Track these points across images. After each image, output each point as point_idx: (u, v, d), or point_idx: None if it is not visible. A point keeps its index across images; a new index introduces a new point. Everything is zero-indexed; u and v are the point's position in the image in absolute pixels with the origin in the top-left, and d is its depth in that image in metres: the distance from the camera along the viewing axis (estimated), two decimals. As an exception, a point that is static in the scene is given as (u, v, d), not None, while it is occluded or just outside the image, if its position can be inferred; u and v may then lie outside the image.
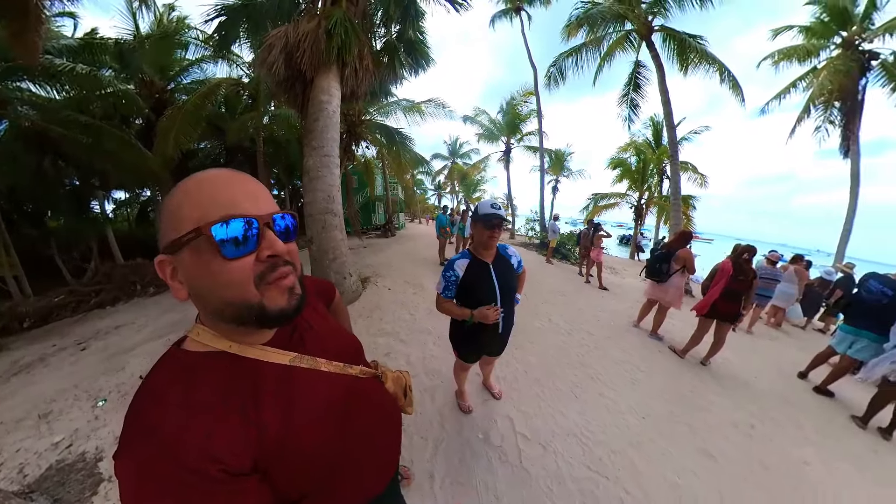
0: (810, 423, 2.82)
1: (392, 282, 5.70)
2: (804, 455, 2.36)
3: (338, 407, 0.56)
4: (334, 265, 4.51)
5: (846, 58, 8.75)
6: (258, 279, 0.45)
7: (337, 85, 4.49)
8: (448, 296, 1.65)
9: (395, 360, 3.03)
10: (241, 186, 0.46)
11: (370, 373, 0.70)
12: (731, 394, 3.07)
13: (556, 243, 9.11)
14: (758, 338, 4.92)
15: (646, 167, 14.51)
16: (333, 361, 0.59)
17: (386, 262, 7.36)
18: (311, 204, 4.47)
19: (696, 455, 2.17)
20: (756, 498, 1.89)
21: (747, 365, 3.79)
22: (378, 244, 10.66)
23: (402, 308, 4.33)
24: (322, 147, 4.42)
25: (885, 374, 2.70)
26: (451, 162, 26.96)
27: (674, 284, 3.83)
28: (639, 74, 9.19)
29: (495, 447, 2.00)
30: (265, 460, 0.45)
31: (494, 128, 16.83)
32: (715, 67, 7.70)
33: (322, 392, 0.55)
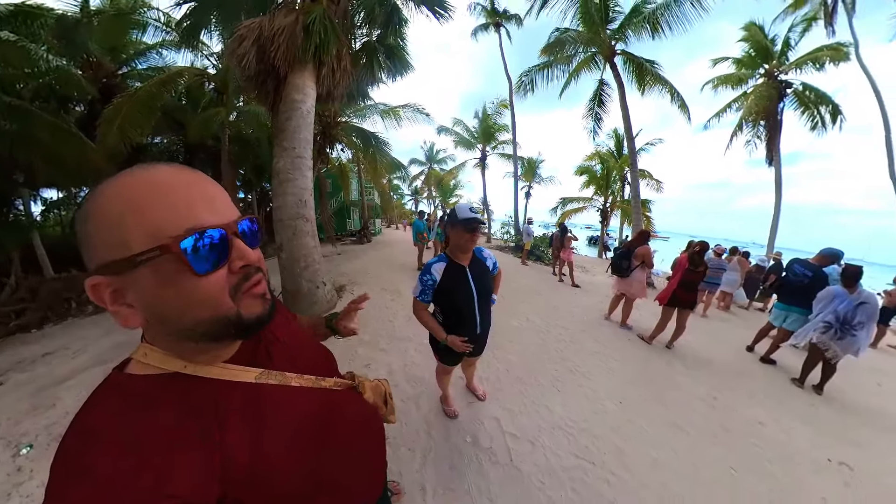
0: (760, 388, 3.26)
1: (369, 289, 5.48)
2: (758, 416, 2.74)
3: (313, 424, 0.52)
4: (306, 273, 4.19)
5: (768, 86, 10.49)
6: (233, 291, 0.42)
7: (312, 84, 4.21)
8: (425, 300, 1.63)
9: (376, 370, 2.89)
10: (199, 190, 0.40)
11: (346, 384, 0.65)
12: (694, 372, 3.41)
13: (530, 246, 9.49)
14: (712, 321, 5.51)
15: (609, 174, 15.96)
16: (305, 375, 0.55)
17: (362, 269, 7.09)
18: (282, 208, 4.13)
19: (669, 430, 2.38)
20: (724, 458, 2.16)
21: (705, 345, 4.21)
22: (353, 251, 10.27)
23: (379, 316, 4.17)
24: (294, 148, 4.11)
25: (812, 340, 3.19)
26: (428, 167, 26.88)
27: (636, 278, 4.21)
28: (603, 92, 10.12)
29: (485, 449, 1.99)
30: (236, 488, 0.41)
31: (470, 136, 17.09)
32: (667, 89, 8.76)
33: (294, 409, 0.50)
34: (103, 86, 7.28)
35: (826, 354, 3.16)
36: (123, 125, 5.96)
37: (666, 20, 7.79)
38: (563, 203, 17.75)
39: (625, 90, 8.88)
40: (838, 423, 2.87)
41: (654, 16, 7.90)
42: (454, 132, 17.11)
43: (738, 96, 11.28)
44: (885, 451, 2.56)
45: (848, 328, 3.02)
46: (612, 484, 1.83)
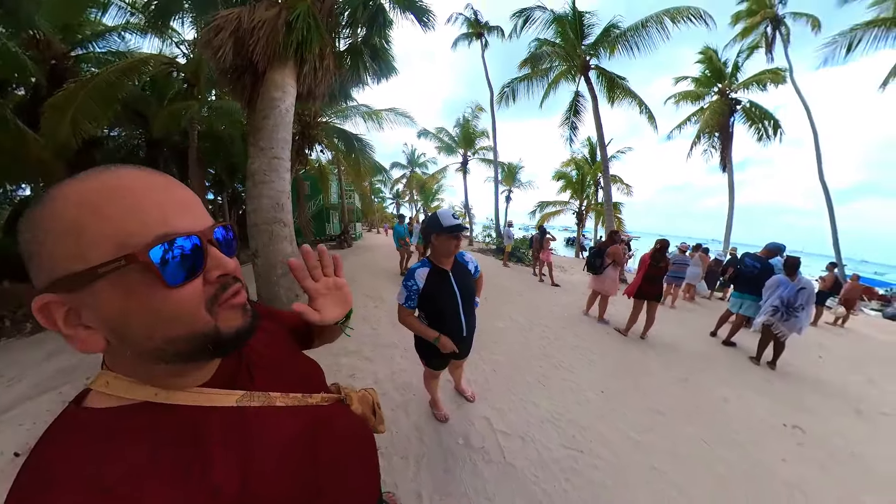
0: (723, 368, 3.65)
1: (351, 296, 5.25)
2: (724, 393, 3.06)
3: (301, 444, 0.49)
4: (284, 281, 3.91)
5: (721, 102, 11.93)
6: (209, 303, 0.38)
7: (292, 82, 3.98)
8: (410, 306, 1.62)
9: (362, 379, 2.78)
10: (169, 194, 0.37)
11: (333, 398, 0.61)
12: (666, 358, 3.71)
13: (511, 248, 9.73)
14: (679, 311, 6.00)
15: (584, 179, 17.15)
16: (291, 393, 0.52)
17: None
18: (257, 212, 3.85)
19: (648, 413, 2.57)
20: (697, 434, 2.39)
21: (675, 333, 4.60)
22: None
23: (363, 323, 4.01)
24: (271, 148, 3.85)
25: (763, 322, 3.64)
26: (410, 171, 26.71)
27: (609, 276, 4.49)
28: (578, 103, 10.84)
29: (477, 449, 1.99)
30: None
31: (451, 141, 17.20)
32: (635, 101, 9.57)
33: (281, 431, 0.47)
34: (52, 68, 6.43)
35: (776, 334, 3.59)
36: (77, 116, 5.30)
37: (635, 41, 8.52)
38: (541, 206, 18.84)
39: (598, 102, 9.59)
40: (790, 393, 3.25)
41: (625, 36, 8.58)
42: (436, 137, 17.14)
43: (696, 111, 12.75)
44: (830, 415, 2.96)
45: (792, 310, 3.47)
46: (600, 468, 1.95)
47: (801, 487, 2.01)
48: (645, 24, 8.38)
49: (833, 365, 4.28)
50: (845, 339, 5.93)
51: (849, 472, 2.22)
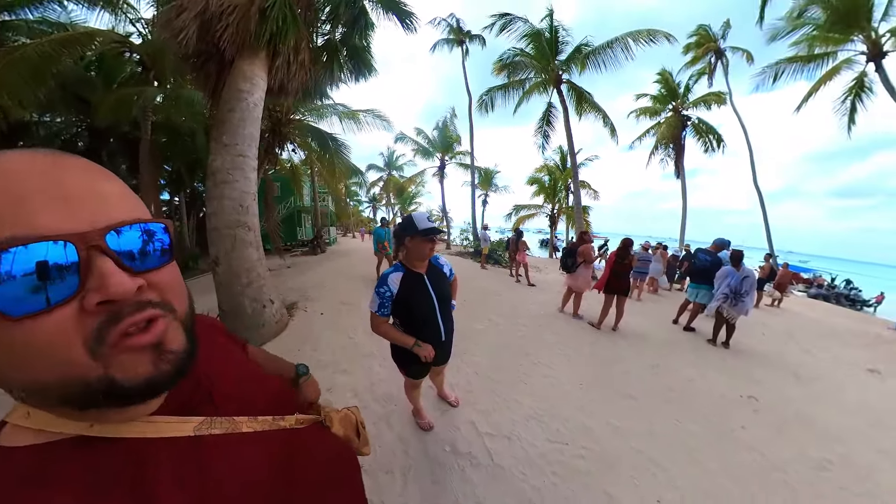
0: (687, 352, 4.02)
1: (324, 305, 4.90)
2: (689, 374, 3.36)
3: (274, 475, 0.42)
4: (249, 291, 3.52)
5: (674, 118, 13.55)
6: (94, 342, 0.27)
7: (263, 74, 3.64)
8: (384, 314, 1.55)
9: (340, 394, 2.60)
10: (48, 180, 0.27)
11: (309, 419, 0.56)
12: (636, 347, 3.97)
13: (488, 250, 9.86)
14: (645, 303, 6.46)
15: (556, 185, 18.15)
16: (260, 417, 0.45)
17: (316, 283, 6.39)
18: (218, 214, 3.45)
19: (624, 400, 2.72)
20: (669, 413, 2.58)
21: (642, 323, 4.94)
22: (305, 263, 9.31)
23: (339, 333, 3.74)
24: (236, 144, 3.49)
25: (715, 308, 4.11)
26: (387, 174, 26.16)
27: (581, 274, 4.71)
28: (550, 113, 11.50)
29: (464, 454, 1.95)
30: None
31: (430, 145, 17.14)
32: (600, 115, 10.33)
33: (249, 461, 0.40)
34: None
35: (726, 317, 4.08)
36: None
37: (602, 59, 9.29)
38: (516, 210, 19.44)
39: (569, 113, 10.22)
40: (743, 368, 3.69)
41: (594, 54, 9.31)
42: (414, 141, 16.97)
43: (653, 125, 14.26)
44: (778, 384, 3.40)
45: (738, 296, 3.96)
46: (585, 457, 2.02)
47: (760, 449, 2.25)
48: (611, 45, 9.11)
49: (774, 340, 4.99)
50: (781, 317, 6.86)
51: (796, 431, 2.56)
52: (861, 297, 13.34)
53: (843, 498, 1.93)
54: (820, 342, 5.15)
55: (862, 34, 8.26)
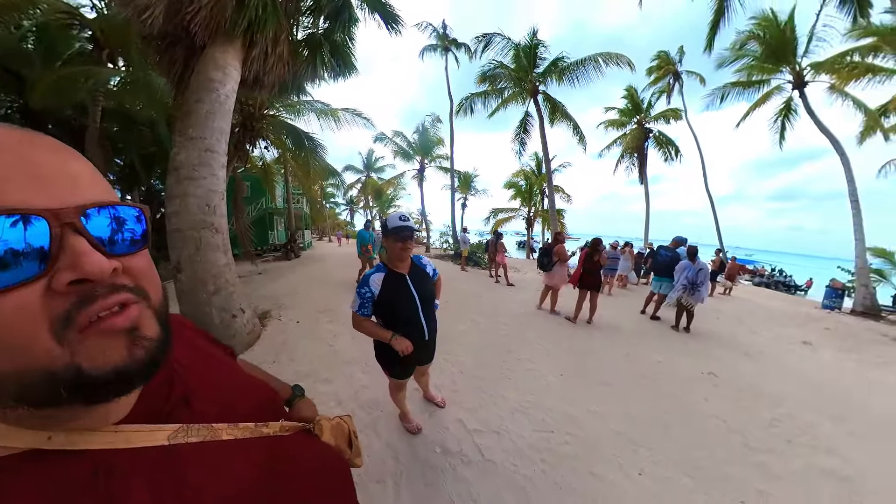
0: (654, 338, 4.40)
1: (300, 313, 4.61)
2: (657, 359, 3.67)
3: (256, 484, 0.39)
4: (217, 300, 3.18)
5: (638, 130, 15.03)
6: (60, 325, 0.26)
7: (237, 64, 3.35)
8: (364, 314, 1.56)
9: (323, 404, 2.48)
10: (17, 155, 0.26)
11: (296, 426, 0.52)
12: (610, 337, 4.30)
13: (468, 252, 10.04)
14: (616, 297, 7.06)
15: (532, 189, 19.06)
16: (241, 423, 0.42)
17: (290, 290, 6.02)
18: (181, 214, 3.09)
19: (601, 387, 2.92)
20: (642, 396, 2.82)
21: (614, 316, 5.36)
22: (278, 268, 8.83)
23: (317, 342, 3.56)
24: (203, 138, 3.17)
25: (676, 298, 4.61)
26: (366, 176, 25.48)
27: (556, 272, 4.97)
28: (527, 121, 12.24)
29: (455, 454, 1.95)
30: None
31: (409, 148, 17.00)
32: (571, 124, 11.40)
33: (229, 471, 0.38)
34: None
35: (686, 306, 4.59)
36: None
37: (576, 74, 10.24)
38: (494, 213, 20.29)
39: (544, 122, 11.02)
40: (702, 349, 4.16)
41: (569, 69, 10.24)
42: (393, 142, 16.73)
43: (620, 136, 15.69)
44: (732, 361, 3.86)
45: (695, 287, 4.48)
46: (570, 443, 2.12)
47: (721, 417, 2.59)
48: (584, 62, 10.02)
49: (727, 323, 5.68)
50: (732, 304, 7.81)
51: (749, 399, 2.96)
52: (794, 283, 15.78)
53: (790, 448, 2.28)
54: (764, 323, 5.95)
55: (788, 66, 9.70)
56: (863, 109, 9.62)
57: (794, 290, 15.11)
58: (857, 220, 8.29)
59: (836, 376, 3.78)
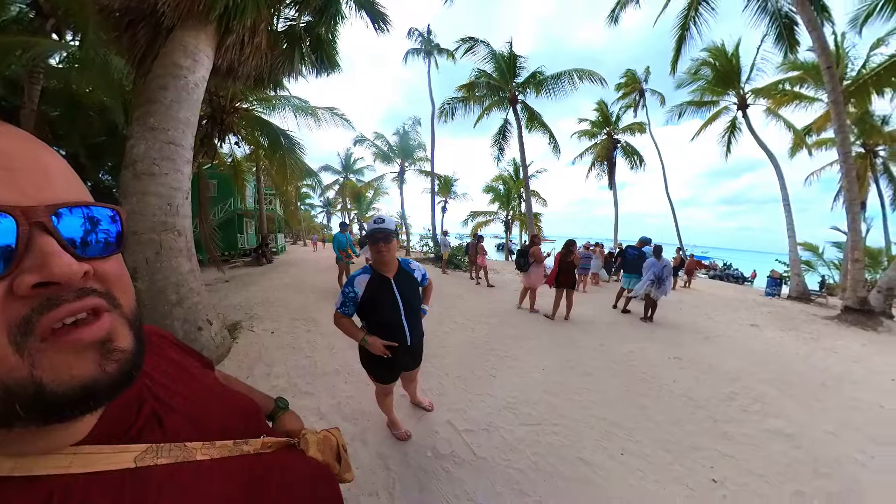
0: (626, 329, 4.73)
1: (275, 322, 4.29)
2: (629, 348, 3.94)
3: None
4: (180, 311, 2.83)
5: (608, 140, 16.44)
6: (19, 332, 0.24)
7: (209, 51, 3.05)
8: (345, 312, 1.56)
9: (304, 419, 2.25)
10: None
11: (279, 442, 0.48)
12: (587, 331, 4.54)
13: (448, 255, 10.12)
14: (590, 294, 7.50)
15: (510, 193, 19.83)
16: (218, 441, 0.39)
17: (263, 298, 5.61)
18: (138, 215, 2.74)
19: (581, 377, 3.08)
20: (618, 382, 3.03)
21: (589, 311, 5.68)
22: (249, 275, 8.32)
23: (294, 353, 3.35)
24: (167, 129, 2.84)
25: (644, 292, 4.99)
26: (344, 177, 24.60)
27: (533, 273, 5.16)
28: (506, 129, 12.78)
29: (447, 456, 1.94)
30: None
31: (391, 151, 16.74)
32: (547, 133, 12.17)
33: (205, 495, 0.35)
34: None
35: (653, 298, 5.01)
36: None
37: (552, 87, 10.98)
38: (473, 216, 20.84)
39: (522, 130, 11.57)
40: (668, 336, 4.54)
41: (546, 81, 10.95)
42: (374, 144, 16.38)
43: (592, 145, 17.08)
44: (694, 345, 4.26)
45: (661, 281, 4.89)
46: (557, 433, 2.20)
47: (689, 395, 2.87)
48: (560, 76, 10.78)
49: (688, 312, 6.26)
50: (691, 295, 8.64)
51: (710, 377, 3.30)
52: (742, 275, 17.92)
53: (746, 416, 2.62)
54: (718, 310, 6.69)
55: (734, 90, 11.30)
56: (791, 129, 11.73)
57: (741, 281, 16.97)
58: (790, 220, 9.76)
59: (778, 351, 4.35)
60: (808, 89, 10.08)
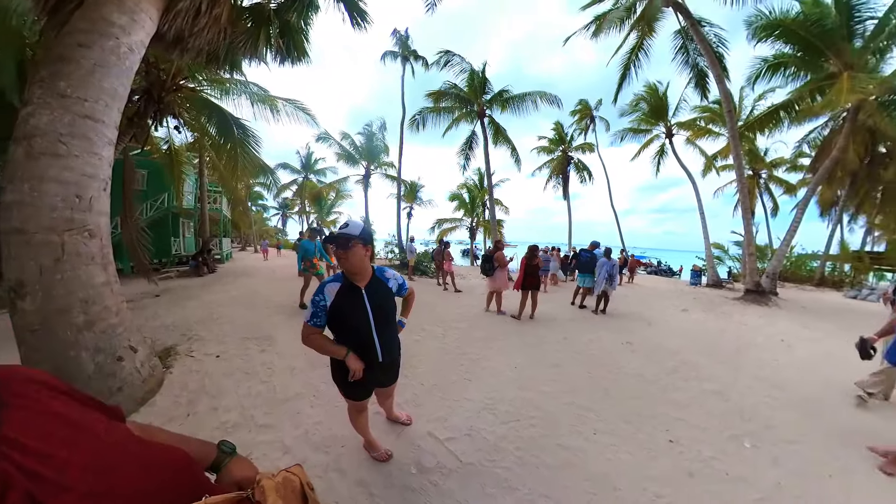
0: (583, 322, 5.33)
1: (221, 344, 3.61)
2: (588, 338, 4.41)
3: None
4: (88, 337, 2.14)
5: (563, 157, 18.98)
6: None
7: (154, 12, 2.46)
8: (316, 324, 1.44)
9: (266, 457, 1.96)
10: None
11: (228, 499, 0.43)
12: (551, 328, 4.89)
13: (414, 262, 10.03)
14: (552, 293, 8.12)
15: (474, 201, 20.96)
16: None
17: (204, 316, 4.75)
18: (29, 207, 2.04)
19: (550, 369, 3.31)
20: (583, 370, 3.32)
21: (551, 309, 6.16)
22: (186, 288, 7.19)
23: (247, 379, 2.86)
24: (84, 100, 2.21)
25: (603, 288, 5.69)
26: (304, 177, 22.67)
27: (498, 276, 5.40)
28: (473, 140, 13.63)
29: (433, 469, 1.86)
30: None
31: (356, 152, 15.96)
32: (510, 147, 13.27)
33: None
34: None
35: (606, 293, 5.75)
36: None
37: (517, 106, 12.03)
38: (439, 223, 21.31)
39: (488, 142, 12.46)
40: (619, 325, 5.19)
41: (511, 100, 12.00)
42: (339, 144, 15.45)
43: (549, 160, 19.41)
44: (641, 331, 4.91)
45: (611, 278, 5.63)
46: (535, 425, 2.30)
47: (642, 374, 3.25)
48: (524, 97, 11.85)
49: (633, 303, 7.19)
50: (635, 289, 9.97)
51: (657, 355, 3.83)
52: (672, 270, 21.36)
53: (687, 383, 3.09)
54: (656, 300, 7.97)
55: (663, 122, 14.57)
56: (704, 155, 15.73)
57: (672, 275, 20.20)
58: (704, 225, 12.75)
59: (704, 328, 5.42)
60: (716, 126, 13.47)
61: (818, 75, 8.51)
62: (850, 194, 12.61)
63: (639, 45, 10.09)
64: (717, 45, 8.98)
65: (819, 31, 7.83)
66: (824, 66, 8.38)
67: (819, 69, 8.49)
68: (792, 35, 8.11)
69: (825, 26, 7.75)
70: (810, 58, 8.37)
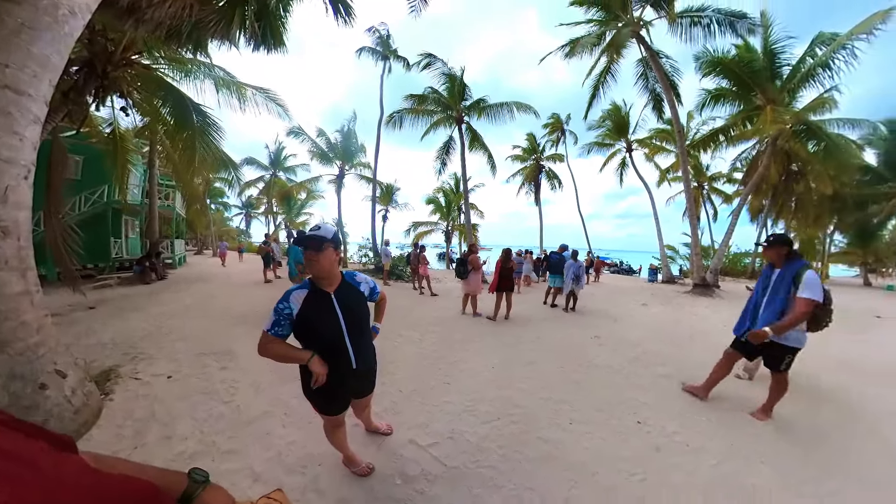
0: (555, 320, 5.65)
1: (172, 362, 3.18)
2: (560, 335, 4.70)
3: None
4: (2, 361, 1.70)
5: (535, 165, 20.27)
6: None
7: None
8: (278, 333, 1.33)
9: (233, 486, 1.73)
10: None
11: None
12: (525, 327, 5.11)
13: (390, 266, 9.91)
14: (525, 294, 8.46)
15: (450, 205, 21.47)
16: None
17: (151, 329, 4.19)
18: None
19: (525, 367, 3.42)
20: (556, 365, 3.49)
21: (525, 309, 6.40)
22: (128, 297, 6.40)
23: (206, 400, 2.56)
24: (4, 65, 1.82)
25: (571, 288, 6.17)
26: (272, 174, 21.07)
27: (472, 279, 5.56)
28: (450, 145, 13.75)
29: (418, 477, 1.82)
30: None
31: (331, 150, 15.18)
32: (486, 153, 13.66)
33: None
34: None
35: (574, 292, 6.23)
36: None
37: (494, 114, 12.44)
38: (414, 226, 21.52)
39: (465, 147, 12.71)
40: (587, 321, 5.63)
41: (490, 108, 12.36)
42: (312, 141, 14.62)
43: (522, 168, 20.59)
44: (607, 325, 5.36)
45: (578, 278, 6.15)
46: (515, 422, 2.36)
47: (611, 365, 3.52)
48: (501, 106, 12.27)
49: (600, 301, 7.87)
50: (600, 288, 10.83)
51: (621, 347, 4.17)
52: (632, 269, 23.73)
53: (650, 371, 3.38)
54: (620, 297, 8.77)
55: (624, 138, 16.71)
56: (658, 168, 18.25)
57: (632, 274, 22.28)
58: (658, 229, 14.75)
59: (661, 320, 6.04)
60: (668, 144, 16.03)
61: (749, 106, 10.33)
62: (773, 203, 14.93)
63: (607, 68, 11.37)
64: (671, 74, 10.68)
65: (749, 71, 9.73)
66: (753, 100, 10.19)
67: (749, 102, 10.29)
68: (730, 72, 9.84)
69: (754, 67, 9.72)
70: (743, 92, 10.16)
